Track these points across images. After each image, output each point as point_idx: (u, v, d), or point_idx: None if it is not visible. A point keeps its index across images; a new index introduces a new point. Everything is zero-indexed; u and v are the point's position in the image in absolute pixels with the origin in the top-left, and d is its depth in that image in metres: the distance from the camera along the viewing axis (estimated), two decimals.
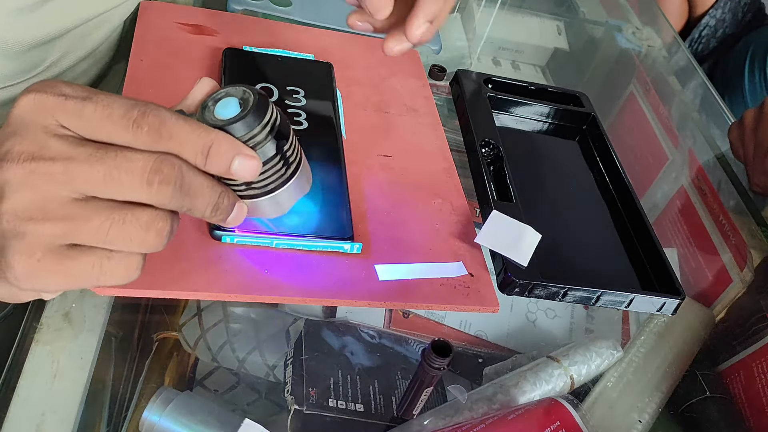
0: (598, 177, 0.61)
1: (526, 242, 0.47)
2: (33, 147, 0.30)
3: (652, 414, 0.48)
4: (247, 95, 0.34)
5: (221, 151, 0.32)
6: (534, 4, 0.92)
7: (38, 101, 0.30)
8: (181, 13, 0.60)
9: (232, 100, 0.34)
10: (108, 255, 0.31)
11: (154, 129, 0.30)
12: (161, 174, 0.30)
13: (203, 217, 0.33)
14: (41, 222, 0.30)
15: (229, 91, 0.34)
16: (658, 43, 0.93)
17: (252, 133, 0.33)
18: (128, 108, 0.30)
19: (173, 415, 0.39)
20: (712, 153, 0.74)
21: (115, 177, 0.30)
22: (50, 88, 0.31)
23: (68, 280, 0.31)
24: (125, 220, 0.30)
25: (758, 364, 0.52)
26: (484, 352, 0.51)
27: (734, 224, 0.64)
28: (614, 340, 0.50)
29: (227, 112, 0.34)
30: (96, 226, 0.30)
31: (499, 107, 0.64)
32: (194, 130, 0.32)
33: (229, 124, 0.33)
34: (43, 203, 0.30)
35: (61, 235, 0.30)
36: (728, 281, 0.60)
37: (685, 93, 0.84)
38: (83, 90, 0.31)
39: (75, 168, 0.30)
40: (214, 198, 0.33)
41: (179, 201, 0.31)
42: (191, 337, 0.47)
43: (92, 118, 0.30)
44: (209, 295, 0.40)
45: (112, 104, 0.30)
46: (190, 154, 0.32)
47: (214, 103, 0.34)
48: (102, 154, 0.30)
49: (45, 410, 0.38)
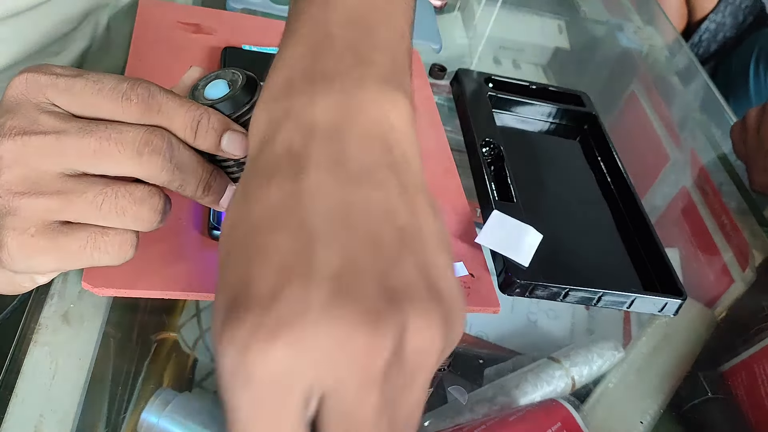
0: (600, 177, 0.61)
1: (527, 242, 0.47)
2: (24, 122, 0.30)
3: (654, 415, 0.48)
4: (236, 77, 0.34)
5: (210, 126, 0.32)
6: (535, 2, 0.92)
7: (30, 80, 0.31)
8: (180, 12, 0.60)
9: (221, 82, 0.34)
10: (102, 231, 0.31)
11: (143, 101, 0.30)
12: (151, 145, 0.30)
13: (195, 196, 0.33)
14: (34, 196, 0.30)
15: (219, 74, 0.35)
16: (660, 42, 0.93)
17: (241, 110, 0.33)
18: (117, 82, 0.31)
19: (172, 415, 0.39)
20: (714, 153, 0.74)
21: (106, 149, 0.30)
22: (43, 68, 0.31)
23: (62, 257, 0.31)
24: (118, 194, 0.30)
25: (760, 365, 0.51)
26: (485, 353, 0.50)
27: (736, 224, 0.64)
28: (615, 340, 0.50)
29: (216, 92, 0.34)
30: (89, 199, 0.30)
31: (500, 107, 0.64)
32: (183, 104, 0.32)
33: (218, 103, 0.33)
34: (36, 178, 0.30)
35: (55, 210, 0.30)
36: (730, 282, 0.60)
37: (686, 92, 0.84)
38: (74, 70, 0.31)
39: (66, 141, 0.30)
40: (205, 175, 0.33)
41: (169, 174, 0.31)
42: (190, 337, 0.46)
43: (82, 93, 0.30)
44: (209, 295, 0.39)
45: (102, 79, 0.31)
46: (179, 128, 0.32)
47: (204, 86, 0.34)
48: (93, 127, 0.30)
49: (43, 411, 0.38)
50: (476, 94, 0.62)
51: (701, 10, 1.27)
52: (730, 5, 1.26)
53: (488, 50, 0.83)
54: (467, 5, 0.87)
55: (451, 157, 0.56)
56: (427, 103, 0.61)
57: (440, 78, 0.68)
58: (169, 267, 0.39)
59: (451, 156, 0.56)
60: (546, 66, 0.85)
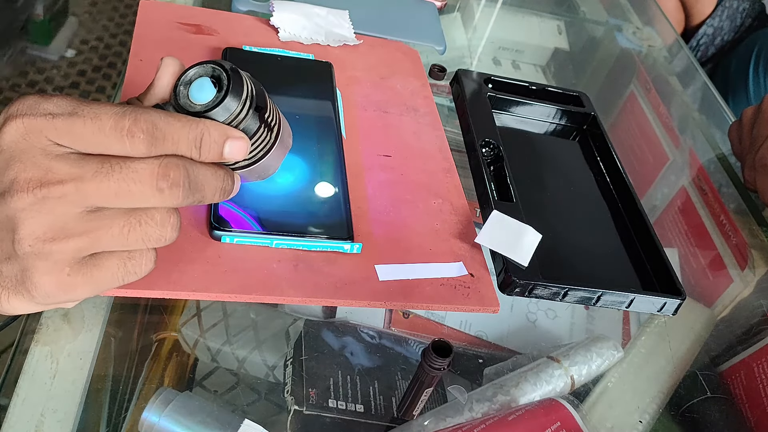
0: (599, 177, 0.61)
1: (526, 242, 0.47)
2: (39, 173, 0.30)
3: (653, 414, 0.48)
4: (217, 72, 0.34)
5: (212, 140, 0.33)
6: (534, 3, 0.92)
7: (27, 126, 0.31)
8: (181, 13, 0.60)
9: (205, 81, 0.33)
10: (128, 255, 0.33)
11: (148, 135, 0.31)
12: (169, 178, 0.31)
13: (211, 202, 0.35)
14: (65, 240, 0.31)
15: (198, 71, 0.34)
16: (659, 42, 0.93)
17: (234, 113, 0.33)
18: (117, 118, 0.30)
19: (173, 415, 0.39)
20: (713, 153, 0.74)
21: (125, 190, 0.31)
22: (33, 109, 0.31)
23: (97, 287, 0.33)
24: (141, 221, 0.32)
25: (759, 365, 0.51)
26: (485, 353, 0.50)
27: (735, 224, 0.64)
28: (615, 340, 0.50)
29: (203, 96, 0.33)
30: (116, 233, 0.31)
31: (499, 107, 0.64)
32: (184, 125, 0.32)
33: (210, 110, 0.33)
34: (61, 224, 0.31)
35: (85, 248, 0.31)
36: (729, 281, 0.60)
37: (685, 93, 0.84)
38: (67, 104, 0.31)
39: (85, 187, 0.30)
40: (220, 183, 0.34)
41: (191, 198, 0.32)
42: (191, 337, 0.46)
43: (83, 133, 0.31)
44: (209, 295, 0.40)
45: (100, 115, 0.31)
46: (186, 150, 0.32)
47: (187, 87, 0.34)
48: (107, 169, 0.31)
49: (44, 410, 0.38)
50: (476, 95, 0.62)
51: (699, 15, 1.27)
52: (727, 9, 1.26)
53: (488, 51, 0.83)
54: (467, 6, 0.87)
55: (451, 157, 0.56)
56: (427, 103, 0.61)
57: (440, 78, 0.68)
58: (169, 267, 0.39)
59: (450, 156, 0.56)
60: (545, 66, 0.85)
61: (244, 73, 0.34)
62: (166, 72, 0.35)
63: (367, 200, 0.49)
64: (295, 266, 0.42)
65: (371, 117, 0.57)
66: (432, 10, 0.74)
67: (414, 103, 0.60)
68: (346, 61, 0.62)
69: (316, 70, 0.58)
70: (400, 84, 0.62)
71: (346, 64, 0.61)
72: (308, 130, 0.51)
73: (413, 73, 0.64)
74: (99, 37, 1.84)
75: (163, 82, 0.35)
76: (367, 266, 0.44)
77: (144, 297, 0.40)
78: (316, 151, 0.50)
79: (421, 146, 0.56)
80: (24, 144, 0.31)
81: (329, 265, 0.43)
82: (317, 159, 0.49)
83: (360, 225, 0.46)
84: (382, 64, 0.63)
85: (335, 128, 0.52)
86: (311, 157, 0.49)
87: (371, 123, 0.56)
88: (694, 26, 1.28)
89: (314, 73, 0.57)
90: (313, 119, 0.52)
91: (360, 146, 0.53)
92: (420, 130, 0.58)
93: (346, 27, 0.64)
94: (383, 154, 0.54)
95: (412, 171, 0.53)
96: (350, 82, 0.60)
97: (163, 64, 0.35)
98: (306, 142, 0.50)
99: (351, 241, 0.44)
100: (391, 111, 0.58)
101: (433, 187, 0.52)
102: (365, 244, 0.45)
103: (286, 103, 0.53)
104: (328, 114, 0.53)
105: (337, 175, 0.48)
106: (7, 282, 0.32)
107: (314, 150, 0.50)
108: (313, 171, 0.48)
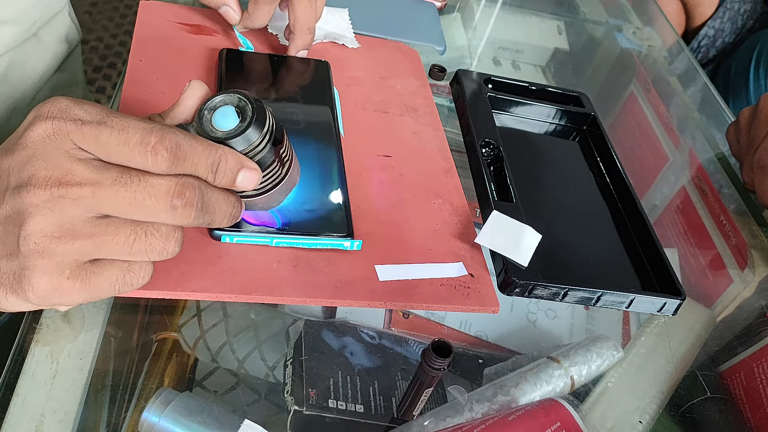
0: (599, 177, 0.61)
1: (526, 242, 0.47)
2: (58, 172, 0.31)
3: (653, 415, 0.48)
4: (242, 103, 0.35)
5: (228, 167, 0.34)
6: (534, 3, 0.92)
7: (55, 128, 0.32)
8: (181, 13, 0.60)
9: (229, 109, 0.35)
10: (128, 267, 0.33)
11: (171, 153, 0.32)
12: (184, 198, 0.32)
13: (218, 225, 0.36)
14: (71, 241, 0.31)
15: (225, 99, 0.35)
16: (659, 42, 0.93)
17: (253, 145, 0.35)
18: (144, 134, 0.31)
19: (173, 415, 0.39)
20: (713, 153, 0.74)
21: (140, 202, 0.31)
22: (64, 113, 0.32)
23: (92, 295, 0.33)
24: (147, 233, 0.32)
25: (759, 365, 0.51)
26: (485, 353, 0.50)
27: (735, 224, 0.64)
28: (615, 340, 0.50)
29: (226, 123, 0.35)
30: (122, 240, 0.32)
31: (499, 107, 0.64)
32: (205, 149, 0.33)
33: (231, 138, 0.34)
34: (70, 224, 0.31)
35: (89, 252, 0.32)
36: (729, 281, 0.60)
37: (685, 93, 0.84)
38: (97, 112, 0.32)
39: (101, 194, 0.31)
40: (230, 209, 0.35)
41: (200, 219, 0.33)
42: (191, 337, 0.46)
43: (109, 143, 0.31)
44: (209, 295, 0.40)
45: (128, 128, 0.32)
46: (203, 172, 0.33)
47: (211, 112, 0.35)
48: (126, 179, 0.31)
49: (44, 411, 0.38)
50: (476, 95, 0.62)
51: (700, 17, 1.27)
52: (728, 11, 1.26)
53: (488, 51, 0.83)
54: (467, 6, 0.87)
55: (451, 158, 0.56)
56: (426, 103, 0.61)
57: (440, 79, 0.68)
58: (169, 267, 0.39)
59: (450, 156, 0.56)
60: (545, 67, 0.85)
61: (268, 108, 0.35)
62: (193, 95, 0.35)
63: (367, 200, 0.49)
64: (295, 266, 0.42)
65: (371, 117, 0.57)
66: (432, 10, 0.75)
67: (414, 103, 0.60)
68: (346, 62, 0.62)
69: (313, 69, 0.58)
70: (400, 84, 0.62)
71: (346, 65, 0.61)
72: (306, 128, 0.51)
73: (413, 74, 0.64)
74: (99, 37, 1.84)
75: (189, 104, 0.35)
76: (367, 266, 0.44)
77: (144, 297, 0.40)
78: (314, 149, 0.50)
79: (421, 146, 0.56)
80: (49, 144, 0.31)
81: (329, 265, 0.43)
82: (315, 156, 0.49)
83: (360, 225, 0.46)
84: (382, 65, 0.63)
85: (333, 126, 0.52)
86: (309, 155, 0.49)
87: (371, 123, 0.56)
88: (695, 28, 1.28)
89: (311, 72, 0.57)
90: (311, 118, 0.52)
91: (360, 146, 0.53)
92: (420, 131, 0.58)
93: (345, 26, 0.64)
94: (383, 155, 0.54)
95: (412, 171, 0.53)
96: (350, 83, 0.60)
97: (191, 87, 0.36)
98: (304, 141, 0.50)
99: (351, 237, 0.44)
100: (391, 111, 0.58)
101: (433, 188, 0.52)
102: (365, 244, 0.45)
103: (284, 101, 0.53)
104: (325, 113, 0.53)
105: (336, 173, 0.48)
106: (5, 279, 0.32)
107: (312, 147, 0.50)
108: (312, 170, 0.48)
